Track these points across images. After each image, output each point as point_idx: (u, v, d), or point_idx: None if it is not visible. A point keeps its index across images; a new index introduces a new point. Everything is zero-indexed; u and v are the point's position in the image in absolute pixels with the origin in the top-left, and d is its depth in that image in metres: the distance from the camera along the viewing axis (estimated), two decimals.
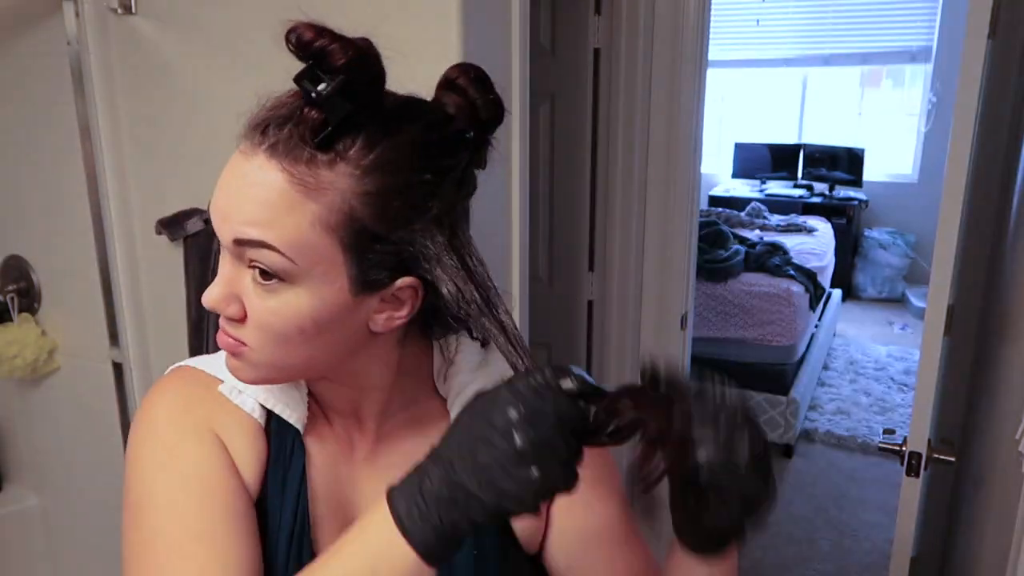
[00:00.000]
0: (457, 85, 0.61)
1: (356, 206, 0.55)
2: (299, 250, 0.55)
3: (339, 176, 0.55)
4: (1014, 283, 1.52)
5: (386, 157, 0.56)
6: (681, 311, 2.38)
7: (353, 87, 0.54)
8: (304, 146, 0.55)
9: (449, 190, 0.59)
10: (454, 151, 0.60)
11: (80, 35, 1.51)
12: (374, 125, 0.56)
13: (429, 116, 0.60)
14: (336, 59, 0.53)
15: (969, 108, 1.19)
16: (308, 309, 0.57)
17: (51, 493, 1.95)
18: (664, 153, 2.26)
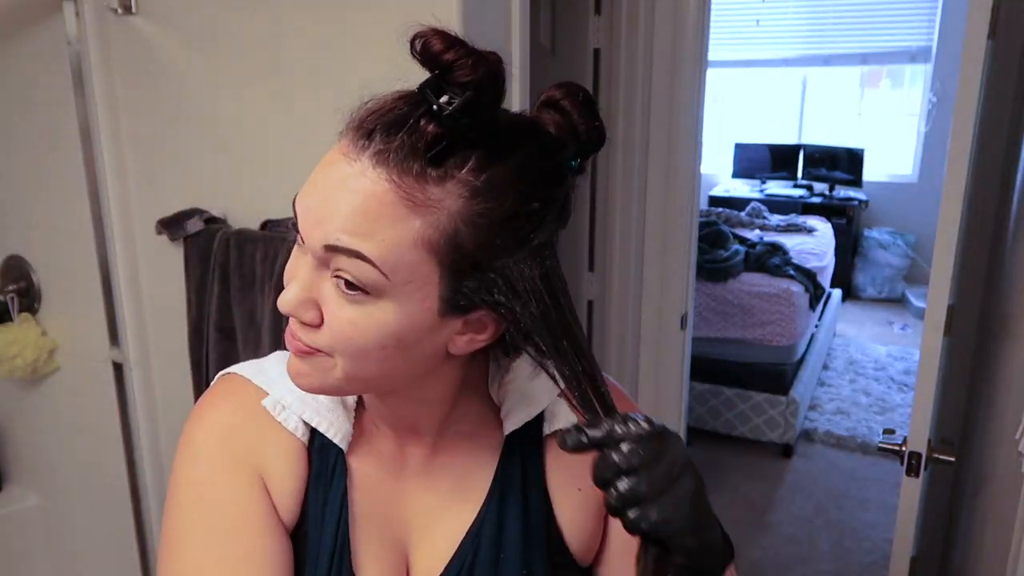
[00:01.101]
0: (561, 107, 0.58)
1: (461, 228, 0.53)
2: (394, 266, 0.52)
3: (448, 195, 0.52)
4: (1014, 283, 1.52)
5: (498, 180, 0.53)
6: (681, 311, 2.38)
7: (478, 105, 0.51)
8: (416, 159, 0.52)
9: (552, 220, 0.57)
10: (562, 179, 0.57)
11: (80, 35, 1.52)
12: (488, 145, 0.53)
13: (542, 140, 0.57)
14: (466, 75, 0.50)
15: (969, 108, 1.19)
16: (392, 325, 0.55)
17: (51, 493, 1.95)
18: (664, 153, 2.26)
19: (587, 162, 0.61)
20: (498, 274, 0.55)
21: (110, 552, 1.86)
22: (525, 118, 0.58)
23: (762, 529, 2.95)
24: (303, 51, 1.34)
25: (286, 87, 1.36)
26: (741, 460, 3.45)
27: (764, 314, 3.44)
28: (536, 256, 0.56)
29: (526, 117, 0.59)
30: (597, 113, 0.59)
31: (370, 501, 0.68)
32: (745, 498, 3.16)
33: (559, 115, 0.58)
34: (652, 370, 2.46)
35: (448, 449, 0.70)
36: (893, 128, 5.86)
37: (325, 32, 1.32)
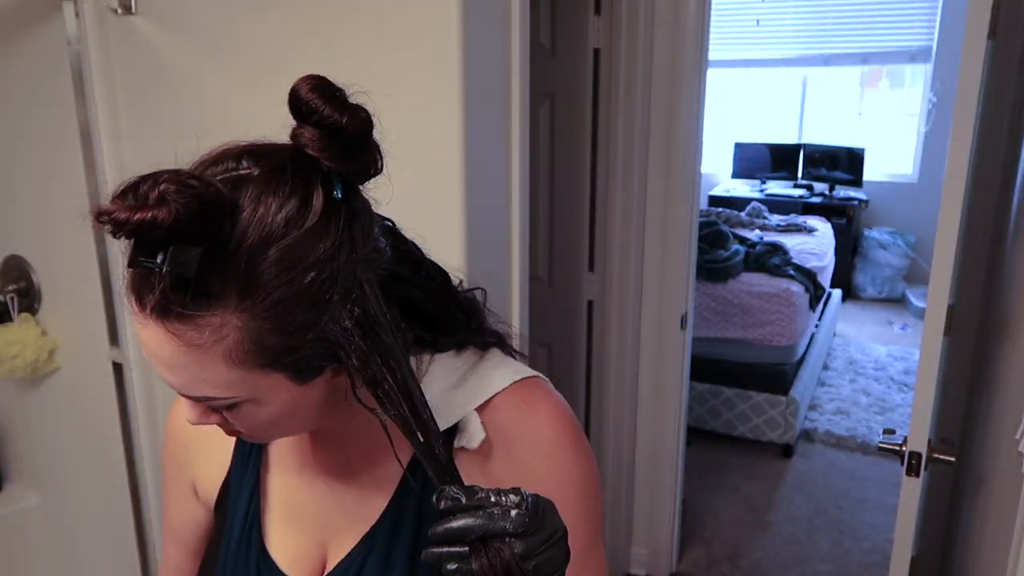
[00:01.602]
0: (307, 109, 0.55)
1: (253, 335, 0.55)
2: (230, 387, 0.57)
3: (225, 318, 0.54)
4: (1014, 283, 1.52)
5: (260, 283, 0.53)
6: (681, 311, 2.38)
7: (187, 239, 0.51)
8: (176, 307, 0.53)
9: (343, 266, 0.56)
10: (328, 230, 0.55)
11: (80, 35, 1.51)
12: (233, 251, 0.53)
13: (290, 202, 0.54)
14: (156, 232, 0.49)
15: (969, 108, 1.19)
16: (268, 414, 0.61)
17: (51, 493, 1.95)
18: (664, 153, 2.26)
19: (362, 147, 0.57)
20: (313, 345, 0.57)
21: (110, 552, 1.86)
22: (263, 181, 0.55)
23: (762, 529, 2.95)
24: (304, 51, 1.34)
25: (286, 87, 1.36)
26: (741, 460, 3.45)
27: (764, 314, 3.44)
28: (343, 307, 0.56)
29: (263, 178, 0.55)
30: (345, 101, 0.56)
31: (287, 487, 0.75)
32: (745, 498, 3.16)
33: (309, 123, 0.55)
34: (652, 370, 2.46)
35: (360, 440, 0.72)
36: (893, 128, 5.86)
37: (325, 32, 1.32)
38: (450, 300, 0.73)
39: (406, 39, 1.24)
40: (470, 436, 0.68)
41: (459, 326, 0.73)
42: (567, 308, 2.42)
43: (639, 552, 2.64)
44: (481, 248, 1.35)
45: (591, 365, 2.45)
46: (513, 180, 1.40)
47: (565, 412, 0.71)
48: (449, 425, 0.69)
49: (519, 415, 0.69)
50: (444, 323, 0.72)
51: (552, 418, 0.70)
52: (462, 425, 0.69)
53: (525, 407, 0.70)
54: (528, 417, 0.69)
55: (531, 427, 0.69)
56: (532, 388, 0.72)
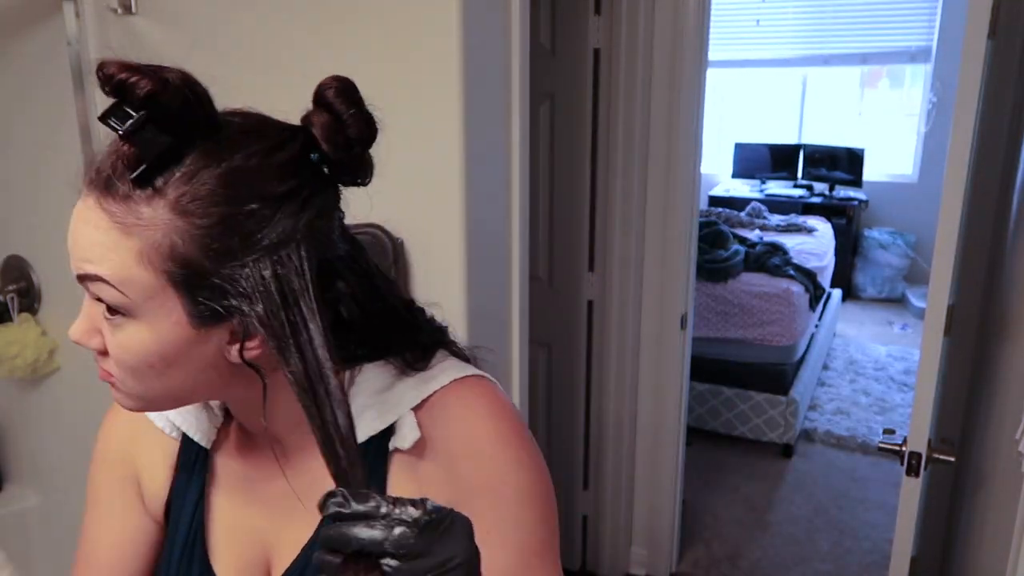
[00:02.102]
0: (323, 99, 0.60)
1: (177, 242, 0.55)
2: (128, 284, 0.56)
3: (158, 212, 0.54)
4: (1014, 283, 1.52)
5: (204, 189, 0.55)
6: (681, 311, 2.38)
7: (162, 120, 0.53)
8: (121, 183, 0.55)
9: (286, 217, 0.56)
10: (288, 176, 0.57)
11: (80, 35, 1.52)
12: (196, 156, 0.55)
13: (264, 140, 0.57)
14: (136, 93, 0.51)
15: (969, 108, 1.19)
16: (150, 343, 0.58)
17: (51, 493, 1.95)
18: (664, 153, 2.26)
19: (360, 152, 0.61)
20: (225, 279, 0.56)
21: None
22: (256, 122, 0.59)
23: (762, 529, 2.95)
24: (304, 51, 1.34)
25: (286, 87, 1.36)
26: (741, 460, 3.45)
27: (764, 314, 3.44)
28: (270, 255, 0.56)
29: (258, 120, 0.59)
30: (357, 99, 0.60)
31: (231, 498, 0.73)
32: (745, 498, 3.16)
33: (322, 110, 0.59)
34: (652, 370, 2.46)
35: (302, 455, 0.69)
36: (893, 128, 5.86)
37: (325, 32, 1.32)
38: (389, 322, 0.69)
39: (406, 39, 1.24)
40: (403, 436, 0.66)
41: (393, 345, 0.69)
42: (567, 308, 2.42)
43: (639, 552, 2.64)
44: (481, 248, 1.35)
45: (591, 365, 2.45)
46: (513, 180, 1.41)
47: (505, 409, 0.68)
48: (385, 426, 0.66)
49: (455, 413, 0.66)
50: (380, 338, 0.68)
51: (490, 416, 0.67)
52: (397, 426, 0.66)
53: (461, 405, 0.67)
54: (465, 415, 0.66)
55: (467, 426, 0.66)
56: (471, 386, 0.68)
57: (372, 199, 0.68)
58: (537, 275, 2.40)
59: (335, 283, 0.63)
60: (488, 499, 0.64)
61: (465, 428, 0.66)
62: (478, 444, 0.65)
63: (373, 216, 1.38)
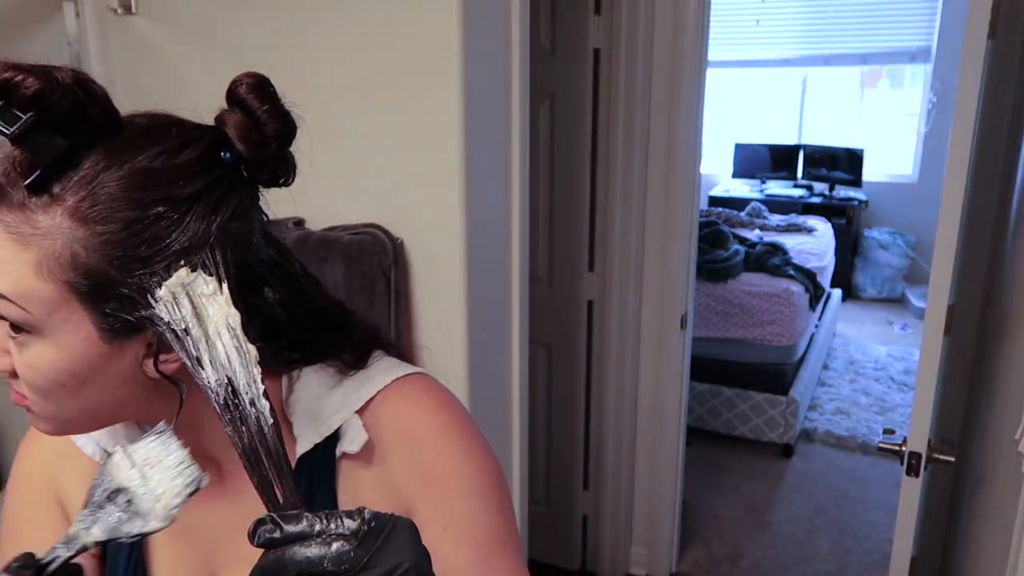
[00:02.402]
0: (235, 96, 0.57)
1: (79, 251, 0.51)
2: (29, 300, 0.51)
3: (56, 220, 0.50)
4: (1014, 283, 1.52)
5: (105, 193, 0.51)
6: (681, 311, 2.38)
7: (55, 122, 0.49)
8: (14, 191, 0.51)
9: (197, 219, 0.53)
10: (195, 176, 0.53)
11: (80, 35, 1.52)
12: (95, 159, 0.51)
13: (168, 141, 0.54)
14: (23, 93, 0.48)
15: (969, 108, 1.19)
16: (59, 361, 0.53)
17: None
18: (664, 153, 2.26)
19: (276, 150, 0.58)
20: (134, 289, 0.52)
21: None
22: (159, 121, 0.56)
23: (762, 529, 2.95)
24: (302, 50, 1.34)
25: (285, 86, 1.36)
26: (741, 460, 3.45)
27: (764, 314, 3.44)
28: (182, 261, 0.52)
29: (162, 120, 0.56)
30: (271, 95, 0.58)
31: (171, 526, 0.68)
32: (745, 498, 3.16)
33: (237, 109, 0.57)
34: (652, 370, 2.46)
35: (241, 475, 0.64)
36: (893, 128, 5.86)
37: (325, 32, 1.32)
38: (320, 325, 0.66)
39: (406, 40, 1.24)
40: (351, 440, 0.63)
41: (326, 347, 0.67)
42: (567, 308, 2.42)
43: (639, 552, 2.64)
44: (481, 248, 1.35)
45: (591, 365, 2.45)
46: (513, 180, 1.40)
47: (449, 402, 0.67)
48: (330, 431, 0.64)
49: (399, 411, 0.65)
50: (312, 342, 0.66)
51: (434, 410, 0.65)
52: (343, 430, 0.64)
53: (405, 402, 0.65)
54: (409, 412, 0.65)
55: (412, 422, 0.64)
56: (413, 383, 0.67)
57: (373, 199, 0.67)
58: (537, 275, 2.39)
59: (261, 289, 0.60)
60: (439, 495, 0.63)
61: (411, 425, 0.64)
62: (424, 439, 0.64)
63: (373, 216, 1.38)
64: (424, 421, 0.65)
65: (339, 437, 0.64)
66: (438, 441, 0.64)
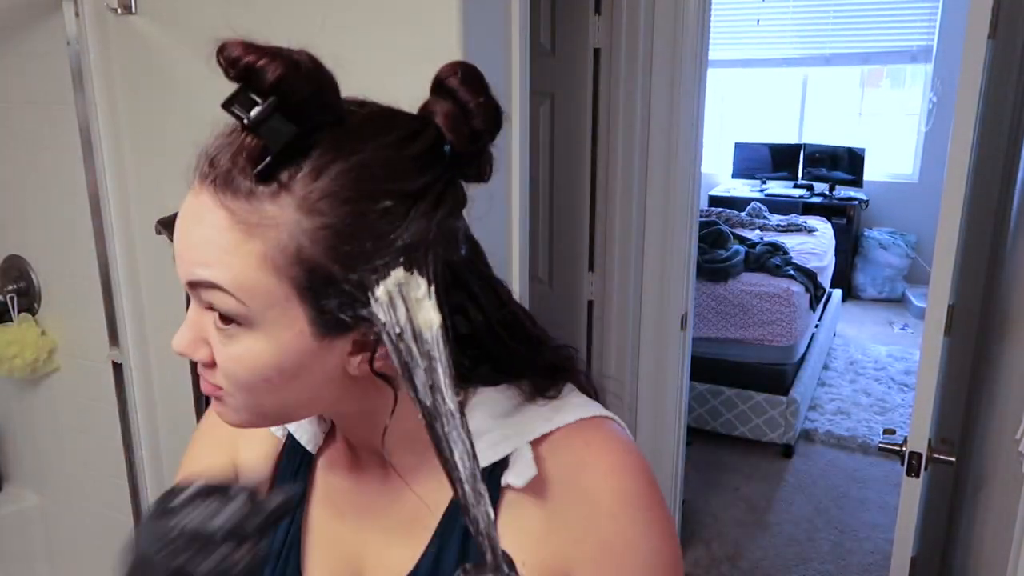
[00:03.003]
0: (446, 87, 0.54)
1: (305, 243, 0.49)
2: (249, 292, 0.50)
3: (284, 210, 0.49)
4: (1014, 283, 1.52)
5: (334, 185, 0.49)
6: (681, 311, 2.38)
7: (291, 108, 0.47)
8: (243, 178, 0.49)
9: (420, 216, 0.51)
10: (423, 171, 0.52)
11: (80, 35, 1.51)
12: (324, 148, 0.50)
13: (394, 132, 0.52)
14: (266, 78, 0.46)
15: (969, 108, 1.19)
16: (268, 356, 0.52)
17: (51, 493, 1.95)
18: (664, 153, 2.26)
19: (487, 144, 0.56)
20: (355, 285, 0.50)
21: (110, 552, 1.86)
22: (380, 112, 0.54)
23: (762, 529, 2.95)
24: None
25: None
26: (741, 460, 3.45)
27: (764, 314, 3.44)
28: (407, 258, 0.50)
29: (382, 110, 0.54)
30: (486, 88, 0.54)
31: (330, 512, 0.68)
32: (745, 498, 3.16)
33: (445, 98, 0.54)
34: (652, 370, 2.46)
35: (407, 474, 0.64)
36: (893, 128, 5.86)
37: (325, 32, 1.32)
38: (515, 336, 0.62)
39: (406, 39, 1.24)
40: (519, 472, 0.58)
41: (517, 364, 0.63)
42: (567, 308, 2.42)
43: None
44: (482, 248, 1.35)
45: (591, 365, 2.45)
46: (513, 180, 1.40)
47: (638, 463, 0.60)
48: (498, 457, 0.59)
49: (579, 459, 0.59)
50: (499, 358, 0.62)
51: (620, 468, 0.59)
52: (512, 459, 0.59)
53: (587, 451, 0.59)
54: (590, 464, 0.59)
55: (593, 478, 0.58)
56: (598, 428, 0.61)
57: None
58: (537, 275, 2.39)
59: (460, 291, 0.57)
60: (610, 566, 0.58)
61: (590, 481, 0.58)
62: (601, 502, 0.58)
63: None
64: (606, 482, 0.58)
65: (505, 466, 0.59)
66: (615, 508, 0.58)
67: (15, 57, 1.64)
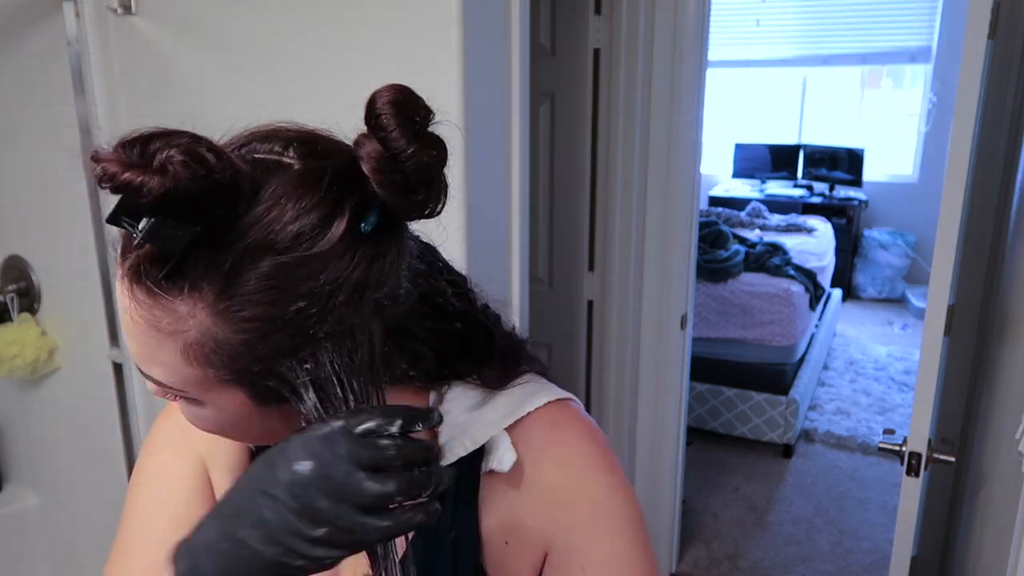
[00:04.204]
0: (378, 122, 0.49)
1: (221, 341, 0.49)
2: (183, 383, 0.52)
3: (196, 310, 0.49)
4: (1014, 283, 1.52)
5: (246, 289, 0.48)
6: (681, 311, 2.38)
7: (181, 214, 0.45)
8: (150, 282, 0.48)
9: (340, 305, 0.50)
10: (342, 255, 0.49)
11: (80, 35, 1.51)
12: (231, 246, 0.48)
13: (310, 215, 0.49)
14: (146, 197, 0.44)
15: (969, 108, 1.19)
16: (223, 422, 0.56)
17: (51, 493, 1.95)
18: (664, 153, 2.26)
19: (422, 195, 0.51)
20: (279, 375, 0.51)
21: (110, 552, 1.86)
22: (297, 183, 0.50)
23: (762, 529, 2.95)
24: (303, 50, 1.34)
25: (286, 86, 1.36)
26: (741, 460, 3.45)
27: (764, 314, 3.44)
28: (334, 346, 0.51)
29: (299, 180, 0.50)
30: (422, 132, 0.50)
31: None
32: (745, 498, 3.16)
33: (373, 138, 0.50)
34: (652, 370, 2.46)
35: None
36: (893, 128, 5.86)
37: (325, 31, 1.32)
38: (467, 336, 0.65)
39: (406, 40, 1.24)
40: (499, 458, 0.62)
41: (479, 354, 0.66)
42: (567, 308, 2.42)
43: None
44: (481, 248, 1.35)
45: (591, 365, 2.45)
46: (513, 180, 1.40)
47: (597, 436, 0.66)
48: (476, 447, 0.63)
49: (550, 437, 0.63)
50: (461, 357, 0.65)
51: (583, 442, 0.64)
52: (489, 447, 0.63)
53: (554, 429, 0.64)
54: (559, 439, 0.63)
55: (561, 451, 0.63)
56: (562, 409, 0.65)
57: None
58: (537, 275, 2.39)
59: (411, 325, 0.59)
60: (582, 532, 0.61)
61: (562, 452, 0.63)
62: (577, 464, 0.63)
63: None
64: (577, 449, 0.63)
65: (484, 453, 0.63)
66: (587, 471, 0.63)
67: (15, 57, 1.64)
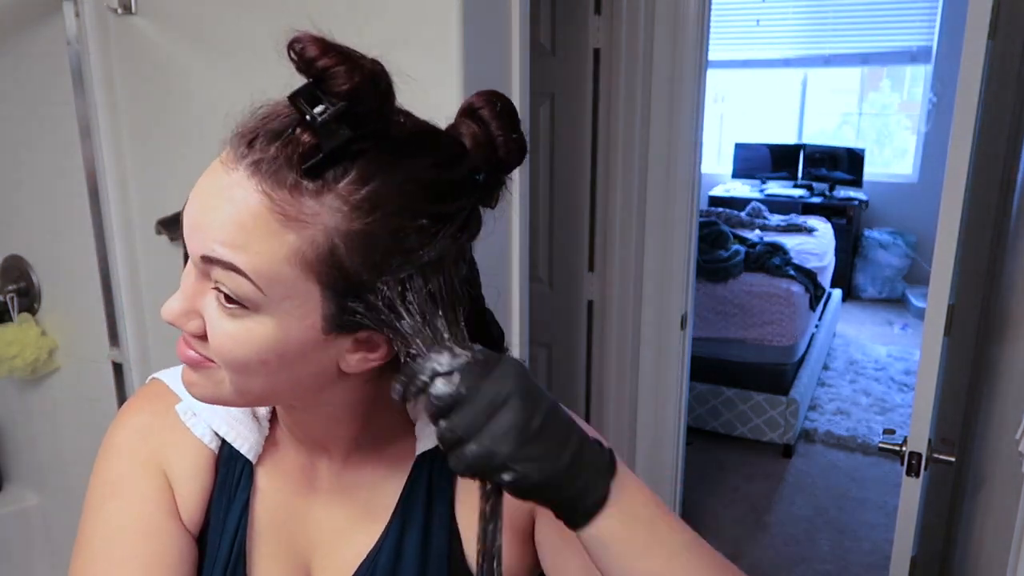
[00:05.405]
0: (479, 116, 0.55)
1: (339, 245, 0.50)
2: (270, 280, 0.50)
3: (325, 209, 0.49)
4: (1014, 283, 1.52)
5: (380, 196, 0.50)
6: (681, 311, 2.38)
7: (355, 115, 0.49)
8: (290, 170, 0.49)
9: (447, 236, 0.53)
10: (459, 195, 0.54)
11: (80, 35, 1.51)
12: (373, 156, 0.51)
13: (439, 153, 0.53)
14: (340, 83, 0.47)
15: (969, 108, 1.19)
16: (272, 341, 0.52)
17: (51, 493, 1.95)
18: (664, 153, 2.26)
19: (506, 176, 0.58)
20: (380, 294, 0.51)
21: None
22: (424, 128, 0.55)
23: (762, 529, 2.95)
24: None
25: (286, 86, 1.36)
26: (741, 460, 3.45)
27: (764, 314, 3.44)
28: (427, 273, 0.52)
29: (426, 127, 0.56)
30: (517, 124, 0.56)
31: (275, 516, 0.68)
32: (745, 498, 3.16)
33: (476, 125, 0.55)
34: (652, 370, 2.46)
35: (358, 466, 0.67)
36: (893, 128, 5.86)
37: (325, 32, 1.32)
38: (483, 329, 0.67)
39: (406, 40, 1.24)
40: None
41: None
42: (567, 308, 2.42)
43: None
44: (481, 248, 1.35)
45: (591, 365, 2.45)
46: (513, 180, 1.40)
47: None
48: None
49: None
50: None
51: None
52: None
53: None
54: None
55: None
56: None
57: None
58: (537, 276, 2.39)
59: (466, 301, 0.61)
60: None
61: None
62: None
63: None
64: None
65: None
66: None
67: (15, 57, 1.64)
